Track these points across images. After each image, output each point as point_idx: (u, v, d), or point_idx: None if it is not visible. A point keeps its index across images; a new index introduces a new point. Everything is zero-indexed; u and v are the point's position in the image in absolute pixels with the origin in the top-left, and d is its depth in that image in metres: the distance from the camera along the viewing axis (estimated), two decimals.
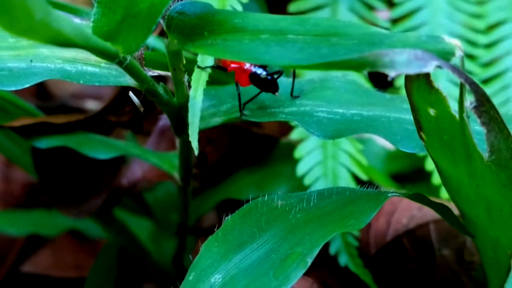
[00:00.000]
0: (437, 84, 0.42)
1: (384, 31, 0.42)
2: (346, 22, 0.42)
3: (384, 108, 0.52)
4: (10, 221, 0.80)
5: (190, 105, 0.48)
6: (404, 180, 0.72)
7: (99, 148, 0.60)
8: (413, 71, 0.38)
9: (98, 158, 0.60)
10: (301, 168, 0.64)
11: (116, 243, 0.72)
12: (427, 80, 0.41)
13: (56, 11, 0.36)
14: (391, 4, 0.71)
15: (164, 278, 0.72)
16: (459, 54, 0.39)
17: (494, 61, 0.70)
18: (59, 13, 0.37)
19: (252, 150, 0.71)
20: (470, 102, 0.41)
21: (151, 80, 0.47)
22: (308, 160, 0.65)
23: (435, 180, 0.65)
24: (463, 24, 0.71)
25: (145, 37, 0.42)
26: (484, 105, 0.40)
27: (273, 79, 0.51)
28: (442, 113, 0.43)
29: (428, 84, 0.41)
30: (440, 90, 0.42)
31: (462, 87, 0.41)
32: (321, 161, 0.64)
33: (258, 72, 0.51)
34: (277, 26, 0.42)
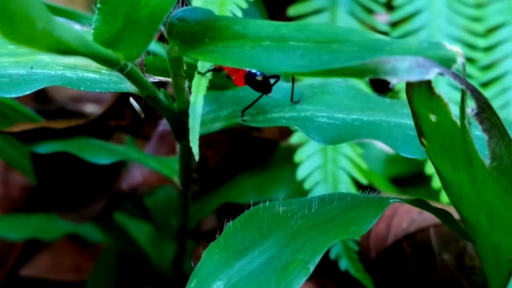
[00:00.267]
0: (438, 90, 0.42)
1: (385, 38, 0.42)
2: (346, 28, 0.42)
3: (384, 113, 0.52)
4: (10, 225, 0.79)
5: (191, 111, 0.47)
6: (404, 184, 0.72)
7: (99, 153, 0.60)
8: (415, 78, 0.38)
9: (98, 164, 0.60)
10: (301, 172, 0.64)
11: (115, 247, 0.72)
12: (428, 87, 0.41)
13: (57, 19, 0.36)
14: (390, 7, 0.71)
15: (163, 282, 0.72)
16: (460, 61, 0.39)
17: (493, 64, 0.70)
18: (60, 20, 0.37)
19: (252, 153, 0.71)
20: (471, 109, 0.41)
21: (151, 86, 0.47)
22: (308, 164, 0.64)
23: (435, 183, 0.65)
24: (463, 27, 0.71)
25: (146, 44, 0.42)
26: (485, 111, 0.40)
27: (266, 79, 0.51)
28: (443, 119, 0.43)
29: (429, 91, 0.41)
30: (441, 97, 0.42)
31: (463, 93, 0.41)
32: (321, 165, 0.64)
33: (253, 72, 0.51)
34: (278, 32, 0.42)
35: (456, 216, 0.50)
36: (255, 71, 0.51)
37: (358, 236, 0.56)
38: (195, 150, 0.47)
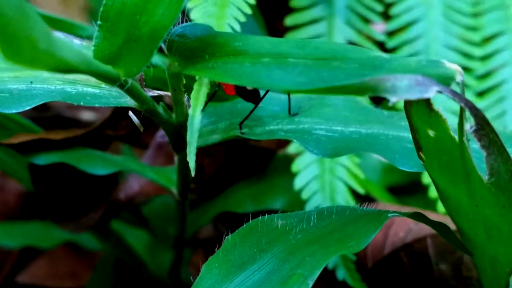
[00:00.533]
0: (436, 106, 0.42)
1: (384, 55, 0.42)
2: (346, 45, 0.42)
3: (382, 126, 0.52)
4: (5, 232, 0.79)
5: (189, 125, 0.48)
6: (400, 193, 0.72)
7: (97, 164, 0.60)
8: (414, 96, 0.38)
9: (96, 174, 0.60)
10: (298, 182, 0.65)
11: (112, 255, 0.72)
12: (427, 103, 0.42)
13: (57, 36, 0.36)
14: (387, 17, 0.72)
15: None
16: (459, 78, 0.39)
17: (489, 73, 0.71)
18: (60, 37, 0.37)
19: (249, 162, 0.71)
20: (470, 126, 0.41)
21: (151, 100, 0.47)
22: (306, 174, 0.65)
23: (432, 193, 0.65)
24: (459, 36, 0.71)
25: (146, 60, 0.42)
26: (484, 128, 0.41)
27: (255, 89, 0.51)
28: (441, 134, 0.43)
29: (428, 107, 0.42)
30: (439, 113, 0.42)
31: (462, 110, 0.41)
32: (318, 175, 0.65)
33: None
34: (277, 49, 0.42)
35: (452, 226, 0.50)
36: None
37: (357, 251, 0.56)
38: (192, 165, 0.47)
